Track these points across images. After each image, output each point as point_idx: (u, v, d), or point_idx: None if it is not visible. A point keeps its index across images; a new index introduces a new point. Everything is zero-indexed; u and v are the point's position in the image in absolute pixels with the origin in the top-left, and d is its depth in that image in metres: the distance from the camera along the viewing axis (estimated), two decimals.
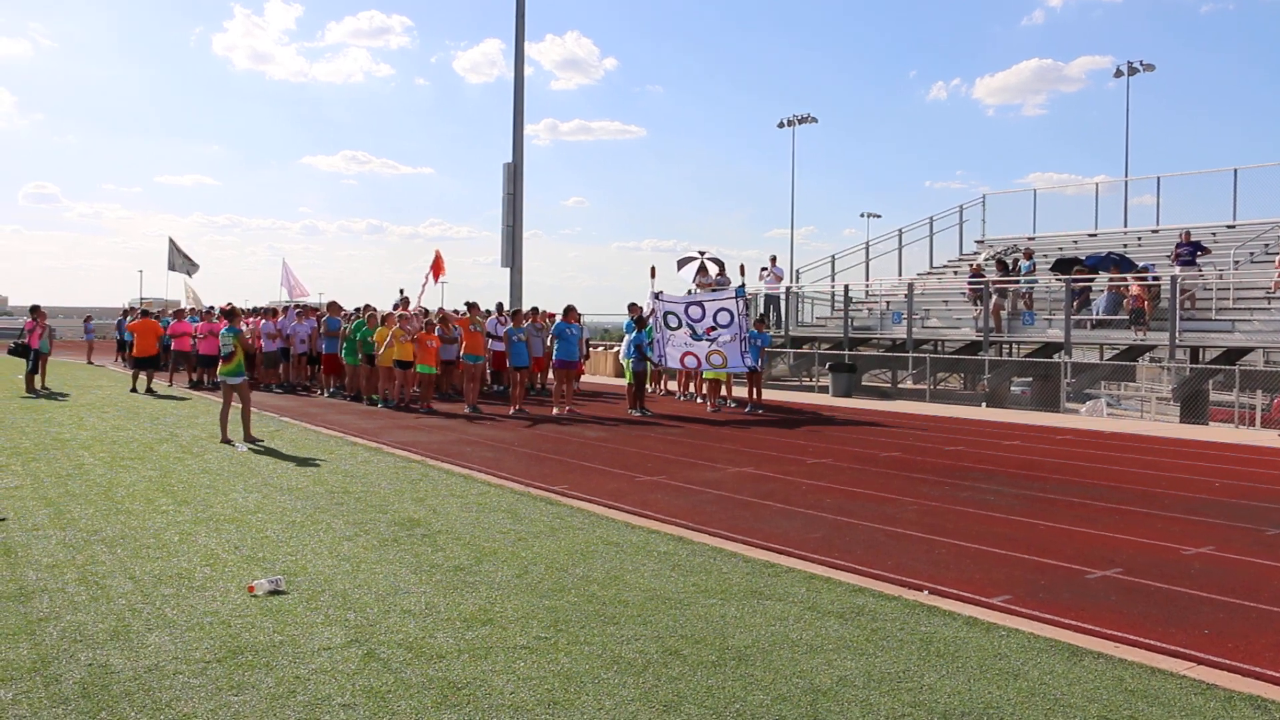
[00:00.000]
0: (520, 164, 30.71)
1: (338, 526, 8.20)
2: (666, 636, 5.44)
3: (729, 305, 18.27)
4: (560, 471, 11.41)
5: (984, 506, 9.49)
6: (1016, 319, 23.42)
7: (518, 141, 30.62)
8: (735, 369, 18.69)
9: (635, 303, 20.01)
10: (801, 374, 27.21)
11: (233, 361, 13.30)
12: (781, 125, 66.88)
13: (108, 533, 7.89)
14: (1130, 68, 50.95)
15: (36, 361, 22.09)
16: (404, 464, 11.74)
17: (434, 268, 21.18)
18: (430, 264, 21.08)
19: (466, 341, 18.85)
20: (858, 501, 9.70)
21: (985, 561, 7.31)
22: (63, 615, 5.72)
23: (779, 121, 66.98)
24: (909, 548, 7.73)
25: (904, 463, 12.37)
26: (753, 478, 11.11)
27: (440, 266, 21.19)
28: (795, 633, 5.53)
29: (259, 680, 4.73)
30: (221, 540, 7.66)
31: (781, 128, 67.09)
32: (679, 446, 13.80)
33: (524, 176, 30.85)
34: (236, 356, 13.30)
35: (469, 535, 7.92)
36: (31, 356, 22.01)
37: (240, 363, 13.39)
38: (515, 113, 30.56)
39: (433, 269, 21.20)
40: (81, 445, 13.07)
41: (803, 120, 65.66)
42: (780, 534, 8.15)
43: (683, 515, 8.86)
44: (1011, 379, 24.29)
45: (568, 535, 7.98)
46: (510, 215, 30.58)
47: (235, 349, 13.29)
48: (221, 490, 9.86)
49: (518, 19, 30.22)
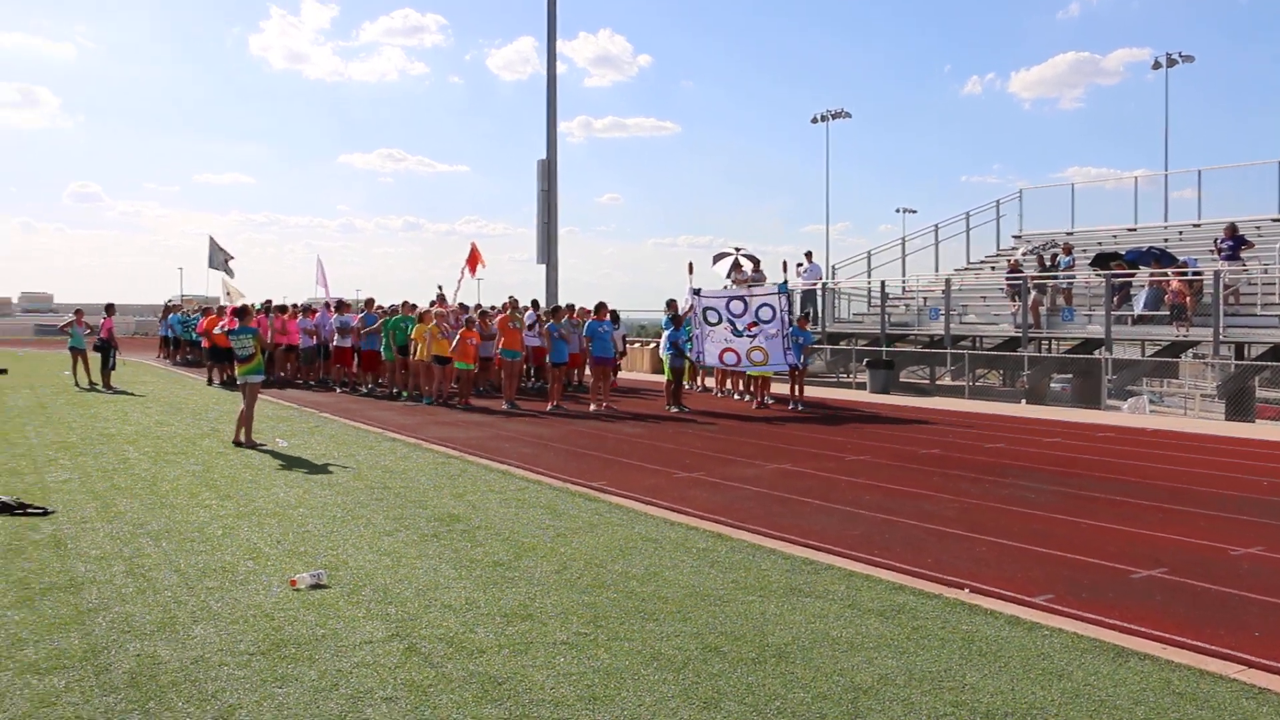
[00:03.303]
0: (554, 161, 30.77)
1: (378, 521, 8.25)
2: (706, 633, 5.42)
3: (772, 301, 18.07)
4: (598, 467, 11.42)
5: (1024, 504, 9.39)
6: (1056, 315, 23.12)
7: (552, 138, 30.70)
8: (776, 367, 18.49)
9: (673, 299, 19.94)
10: (838, 370, 27.06)
11: (253, 361, 12.97)
12: (816, 120, 66.60)
13: (153, 526, 7.99)
14: (1169, 59, 50.18)
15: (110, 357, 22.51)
16: (443, 460, 11.79)
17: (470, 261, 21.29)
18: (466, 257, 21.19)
19: (505, 338, 18.88)
20: (897, 499, 9.62)
21: (1026, 560, 7.23)
22: (111, 606, 5.79)
23: (813, 117, 66.77)
24: (949, 545, 7.66)
25: (943, 460, 12.26)
26: (791, 474, 11.06)
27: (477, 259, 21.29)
28: (835, 630, 5.49)
29: (302, 673, 4.77)
30: (264, 534, 7.73)
31: (816, 123, 66.78)
32: (716, 443, 13.76)
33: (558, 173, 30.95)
34: (256, 356, 12.98)
35: (508, 531, 7.94)
36: (111, 354, 22.48)
37: (260, 363, 13.12)
38: (549, 110, 30.64)
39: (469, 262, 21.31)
40: (127, 440, 13.25)
41: (837, 115, 65.31)
42: (819, 531, 8.10)
43: (721, 511, 8.83)
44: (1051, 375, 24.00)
45: (606, 531, 7.98)
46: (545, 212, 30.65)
47: (255, 349, 12.97)
48: (263, 485, 9.95)
49: (550, 17, 30.29)
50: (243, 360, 12.98)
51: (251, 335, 12.94)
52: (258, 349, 13.02)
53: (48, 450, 12.23)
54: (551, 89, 30.60)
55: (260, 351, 13.22)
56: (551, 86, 30.60)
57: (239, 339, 12.95)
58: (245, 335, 12.91)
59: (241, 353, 12.95)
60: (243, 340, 12.91)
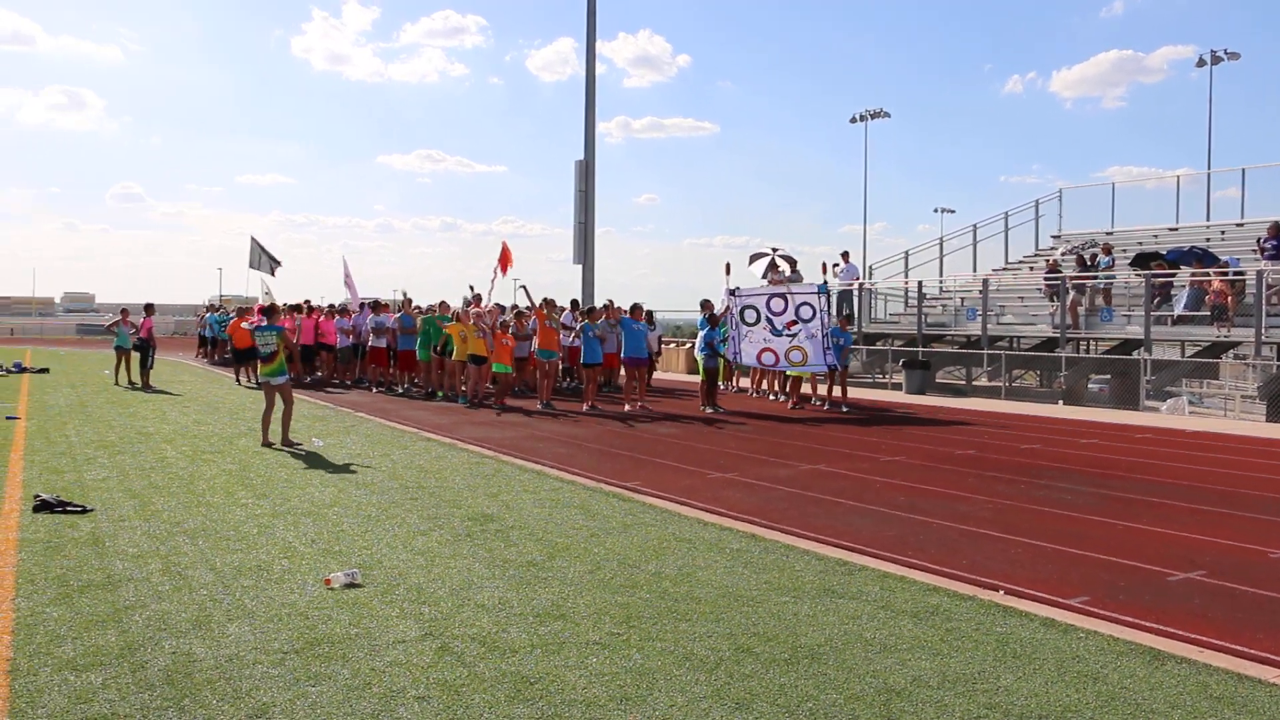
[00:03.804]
0: (592, 161, 30.80)
1: (412, 521, 8.29)
2: (739, 634, 5.41)
3: (812, 300, 18.00)
4: (632, 468, 11.42)
5: (1061, 506, 9.29)
6: (1094, 315, 22.86)
7: (590, 139, 30.73)
8: (815, 367, 18.35)
9: (708, 299, 19.90)
10: (874, 371, 26.91)
11: (275, 361, 12.82)
12: (854, 120, 66.34)
13: (190, 524, 8.08)
14: (1214, 56, 49.44)
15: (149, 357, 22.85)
16: (477, 460, 11.84)
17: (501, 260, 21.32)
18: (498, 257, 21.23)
19: (541, 337, 18.92)
20: (931, 500, 9.55)
21: (1062, 562, 7.15)
22: (148, 604, 5.86)
23: (851, 116, 66.50)
24: (984, 547, 7.59)
25: (979, 461, 12.16)
26: (825, 475, 11.01)
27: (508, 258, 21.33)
28: (869, 632, 5.46)
29: (335, 671, 4.80)
30: (299, 533, 7.80)
31: (854, 123, 66.53)
32: (750, 443, 13.73)
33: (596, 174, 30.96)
34: (279, 356, 12.86)
35: (541, 531, 7.96)
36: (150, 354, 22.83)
37: (283, 362, 12.95)
38: (587, 110, 30.67)
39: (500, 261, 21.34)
40: (164, 439, 13.40)
41: (876, 115, 64.96)
42: (853, 532, 8.06)
43: (754, 512, 8.81)
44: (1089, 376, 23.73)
45: (640, 531, 7.98)
46: (582, 212, 30.70)
47: (278, 348, 12.83)
48: (298, 484, 10.04)
49: (589, 17, 30.32)
50: (265, 359, 12.90)
51: (276, 333, 12.83)
52: (281, 348, 12.88)
53: (87, 449, 12.40)
54: (590, 89, 30.65)
55: (286, 352, 13.08)
56: (590, 87, 30.65)
57: (263, 336, 12.88)
58: (270, 333, 12.84)
59: (264, 350, 12.85)
60: (266, 337, 12.82)
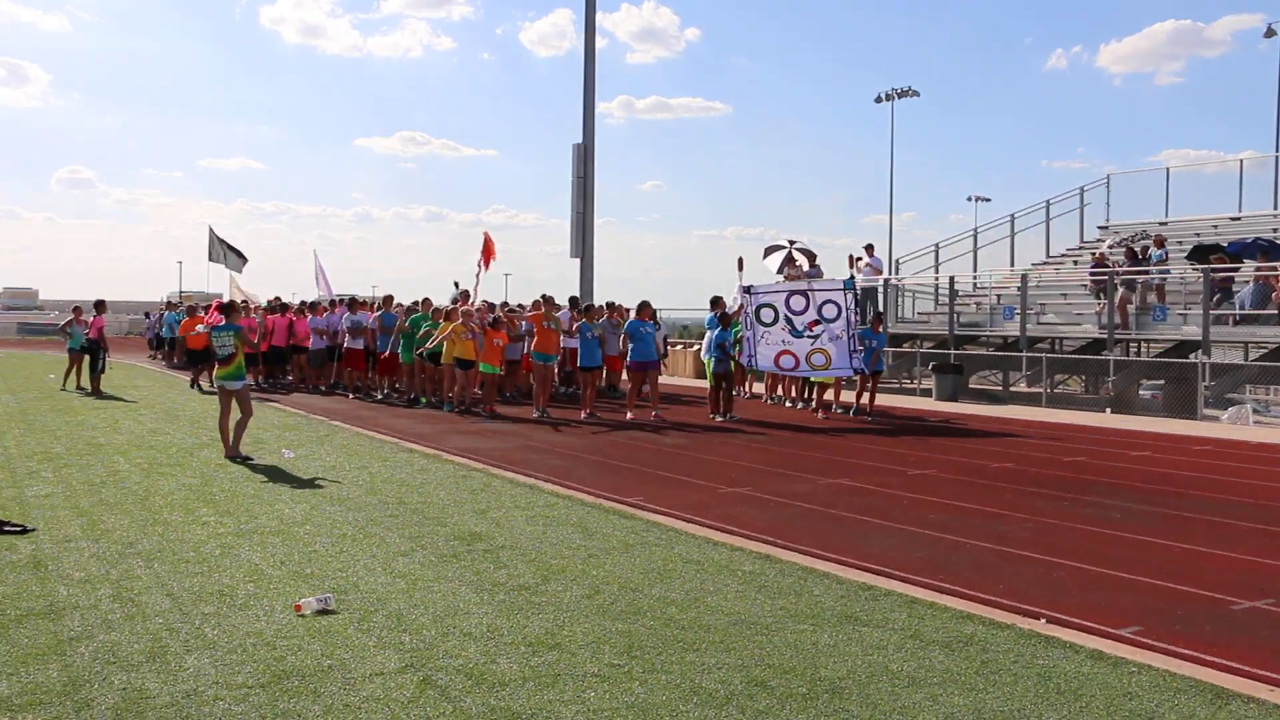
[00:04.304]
0: (592, 145, 30.83)
1: (392, 540, 8.28)
2: (752, 665, 5.39)
3: (837, 297, 17.81)
4: (635, 482, 11.41)
5: (1109, 525, 9.26)
6: (1146, 314, 22.82)
7: (589, 120, 30.75)
8: (840, 371, 18.25)
9: (719, 296, 19.84)
10: (901, 375, 26.88)
11: (232, 364, 12.70)
12: (880, 100, 66.21)
13: (144, 545, 8.06)
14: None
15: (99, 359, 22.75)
16: (464, 472, 11.83)
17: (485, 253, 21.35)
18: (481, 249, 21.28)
19: (538, 339, 18.71)
20: (965, 517, 9.53)
21: (1111, 587, 7.13)
22: (95, 634, 5.84)
23: (877, 96, 66.26)
24: (1023, 570, 7.57)
25: (1017, 475, 12.14)
26: (848, 490, 10.99)
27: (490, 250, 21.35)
28: (895, 664, 5.44)
29: (306, 708, 4.78)
30: (266, 554, 7.78)
31: (880, 103, 66.38)
32: (765, 455, 13.71)
33: (596, 159, 31.00)
34: (237, 358, 12.71)
35: (535, 551, 7.94)
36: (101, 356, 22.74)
37: (241, 365, 12.82)
38: (586, 89, 30.70)
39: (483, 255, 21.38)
40: (117, 450, 13.40)
41: (903, 94, 64.92)
42: (878, 553, 8.04)
43: (770, 531, 8.79)
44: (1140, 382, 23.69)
45: (643, 552, 7.96)
46: (581, 201, 30.72)
47: (236, 349, 12.69)
48: (266, 500, 10.03)
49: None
50: (222, 361, 12.77)
51: (234, 334, 12.67)
52: (240, 350, 12.74)
53: (29, 461, 12.38)
54: (590, 66, 30.67)
55: (244, 354, 12.94)
56: (590, 63, 30.68)
57: (220, 336, 12.73)
58: (227, 333, 12.69)
59: (221, 352, 12.72)
60: (224, 338, 12.68)
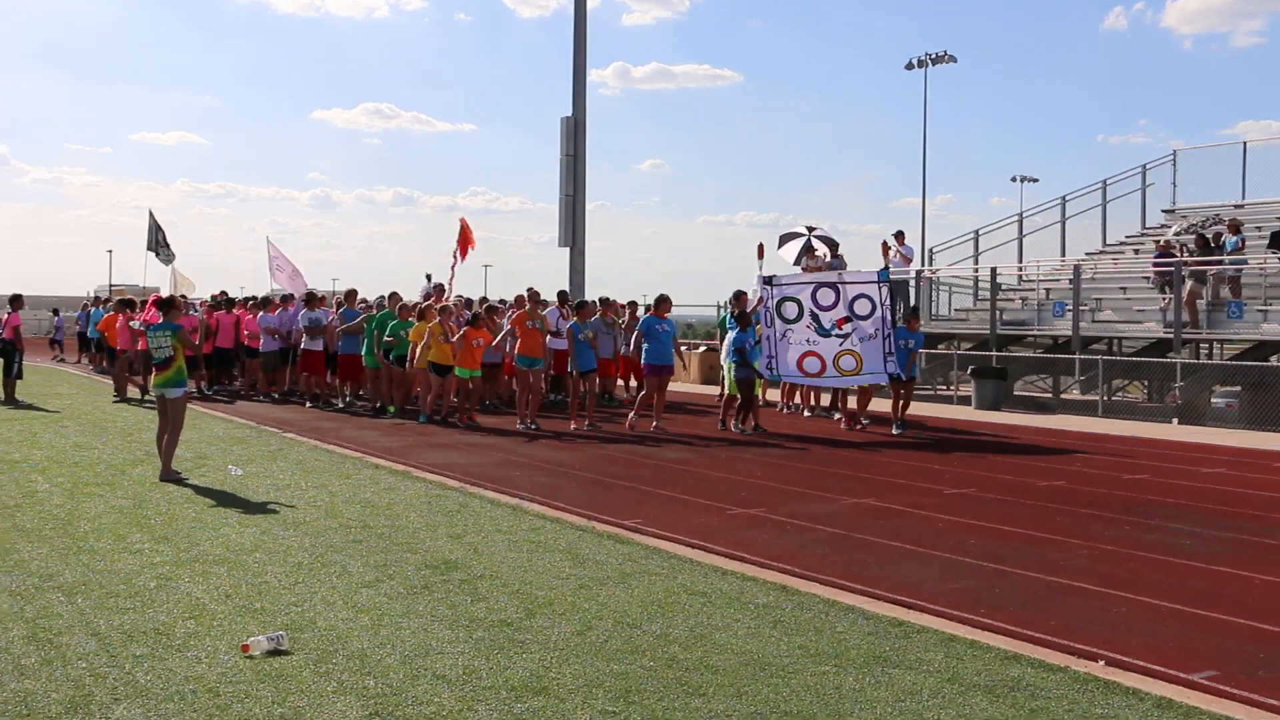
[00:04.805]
0: (583, 118, 30.83)
1: (354, 570, 8.26)
2: (767, 713, 5.38)
3: (871, 291, 17.63)
4: (632, 502, 11.41)
5: (1177, 553, 9.26)
6: (1219, 310, 22.83)
7: (580, 90, 30.76)
8: (873, 377, 18.09)
9: (741, 290, 19.66)
10: (936, 380, 26.89)
11: (171, 368, 12.43)
12: (911, 66, 66.39)
13: (66, 577, 8.01)
14: None
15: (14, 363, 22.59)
16: (437, 492, 11.82)
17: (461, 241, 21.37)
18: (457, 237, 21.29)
19: (522, 340, 18.47)
20: (1010, 543, 9.54)
21: (1180, 624, 7.12)
22: (6, 682, 5.79)
23: (908, 62, 66.51)
24: (1078, 604, 7.57)
25: (1070, 494, 12.14)
26: (875, 511, 11.00)
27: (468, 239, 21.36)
28: (931, 711, 5.43)
29: None
30: (209, 587, 7.76)
31: (911, 69, 66.58)
32: (781, 471, 13.71)
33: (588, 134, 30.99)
34: (176, 361, 12.45)
35: (518, 582, 7.93)
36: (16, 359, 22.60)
37: (181, 369, 12.56)
38: (576, 55, 30.71)
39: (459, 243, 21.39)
40: (35, 468, 13.34)
41: (938, 60, 65.09)
42: (911, 583, 8.04)
43: (787, 558, 8.79)
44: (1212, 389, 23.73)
45: (641, 582, 7.95)
46: (570, 183, 30.71)
47: (175, 352, 12.49)
48: (210, 524, 10.00)
49: None
50: (159, 366, 12.57)
51: (171, 333, 12.43)
52: (179, 353, 12.49)
53: None
54: (580, 27, 30.67)
55: (185, 356, 12.72)
56: (580, 24, 30.67)
57: (156, 337, 12.55)
58: (164, 333, 12.46)
59: (158, 355, 12.52)
60: (160, 339, 12.47)
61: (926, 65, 65.42)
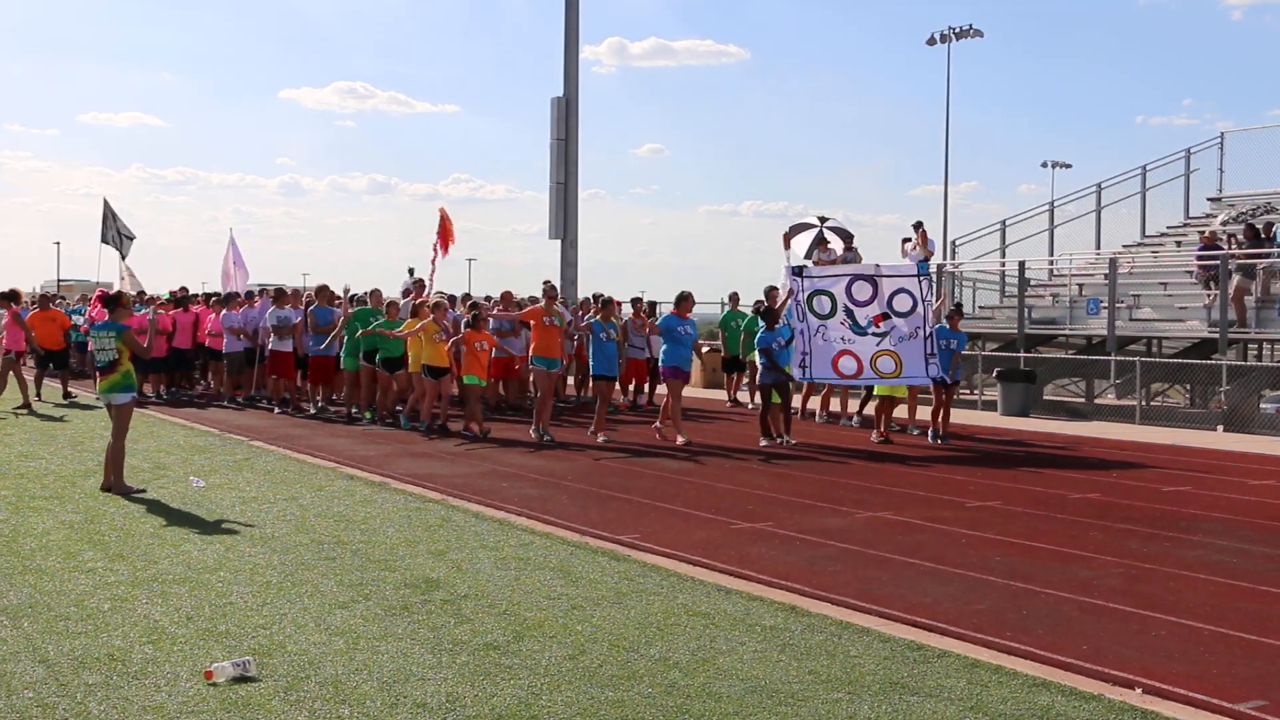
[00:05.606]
0: (575, 99, 30.88)
1: (327, 589, 8.28)
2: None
3: (911, 286, 17.34)
4: (629, 515, 11.43)
5: (1221, 571, 9.28)
6: (1269, 308, 22.85)
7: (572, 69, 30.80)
8: (914, 379, 17.83)
9: (773, 286, 19.40)
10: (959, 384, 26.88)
11: (116, 372, 12.27)
12: (933, 42, 66.43)
13: (11, 599, 8.01)
14: None
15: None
16: (418, 504, 11.84)
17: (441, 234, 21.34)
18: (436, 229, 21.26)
19: (538, 339, 18.23)
20: (1038, 560, 9.56)
21: (1225, 649, 7.14)
22: None
23: (929, 37, 66.57)
24: (1112, 626, 7.59)
25: (1104, 508, 12.16)
26: (891, 525, 11.03)
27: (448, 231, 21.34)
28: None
29: None
30: (169, 608, 7.76)
31: (933, 45, 66.61)
32: (790, 482, 13.73)
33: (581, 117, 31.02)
34: (122, 365, 12.37)
35: (505, 602, 7.95)
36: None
37: (129, 374, 12.41)
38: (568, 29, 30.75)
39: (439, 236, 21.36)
40: None
41: (962, 34, 65.03)
42: (930, 604, 8.06)
43: (795, 576, 8.81)
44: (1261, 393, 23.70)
45: (639, 602, 7.97)
46: (562, 169, 30.76)
47: (120, 355, 12.26)
48: (169, 540, 10.01)
49: None
50: (103, 370, 12.43)
51: (116, 334, 12.28)
52: (124, 356, 12.32)
53: None
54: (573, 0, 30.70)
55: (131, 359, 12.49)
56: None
57: (100, 337, 12.42)
58: (108, 333, 12.32)
59: (101, 358, 12.39)
60: (104, 340, 12.33)
61: (950, 40, 65.42)
